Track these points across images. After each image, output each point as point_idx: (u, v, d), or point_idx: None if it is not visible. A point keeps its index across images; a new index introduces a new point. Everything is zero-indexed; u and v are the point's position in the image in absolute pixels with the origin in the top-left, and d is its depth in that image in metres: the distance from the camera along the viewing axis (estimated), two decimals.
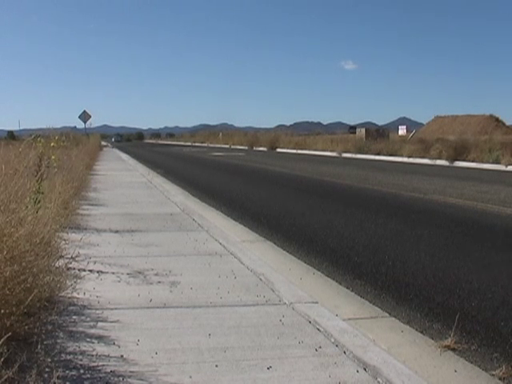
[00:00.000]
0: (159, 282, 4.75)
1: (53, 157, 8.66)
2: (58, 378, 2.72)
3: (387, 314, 4.40)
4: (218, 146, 59.30)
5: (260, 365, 3.11)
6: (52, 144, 9.39)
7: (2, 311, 3.10)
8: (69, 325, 3.66)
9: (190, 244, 6.43)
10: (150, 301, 4.24)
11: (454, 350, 3.66)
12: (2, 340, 2.77)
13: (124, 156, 33.58)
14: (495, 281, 5.29)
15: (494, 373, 3.31)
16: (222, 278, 4.91)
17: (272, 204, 11.21)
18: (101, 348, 3.28)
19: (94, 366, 3.02)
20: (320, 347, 3.37)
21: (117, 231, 7.17)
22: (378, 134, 40.86)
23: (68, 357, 3.14)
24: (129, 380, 2.88)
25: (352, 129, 55.27)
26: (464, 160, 24.45)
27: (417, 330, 4.10)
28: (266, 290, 4.60)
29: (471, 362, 3.51)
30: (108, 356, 3.16)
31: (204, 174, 20.24)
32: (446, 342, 3.71)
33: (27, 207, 4.61)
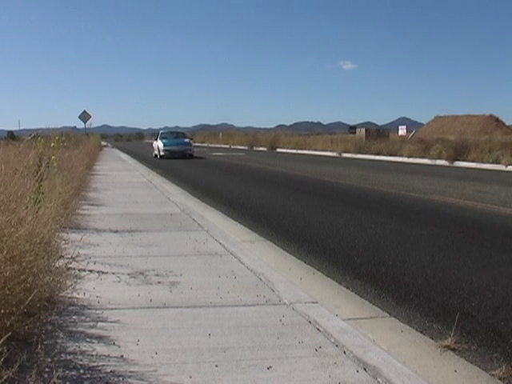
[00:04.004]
0: (159, 282, 4.75)
1: (53, 157, 8.66)
2: (57, 378, 2.71)
3: (387, 314, 4.39)
4: (218, 146, 59.30)
5: (260, 365, 3.11)
6: (52, 144, 9.39)
7: (2, 311, 3.10)
8: (69, 325, 3.66)
9: (190, 244, 6.43)
10: (150, 301, 4.24)
11: (454, 350, 3.66)
12: (2, 340, 2.77)
13: (124, 156, 33.58)
14: (495, 281, 5.29)
15: (494, 373, 3.31)
16: (222, 278, 4.91)
17: (272, 204, 11.21)
18: (101, 348, 3.28)
19: (93, 366, 3.02)
20: (320, 347, 3.37)
21: (117, 231, 7.17)
22: (378, 134, 40.83)
23: (68, 357, 3.14)
24: (129, 380, 2.88)
25: (352, 129, 55.23)
26: (464, 160, 24.44)
27: (417, 330, 4.09)
28: (266, 290, 4.60)
29: (471, 362, 3.51)
30: (108, 356, 3.16)
31: (204, 174, 20.23)
32: (446, 342, 3.71)
33: (27, 207, 4.60)
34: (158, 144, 31.12)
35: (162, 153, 30.42)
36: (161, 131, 33.43)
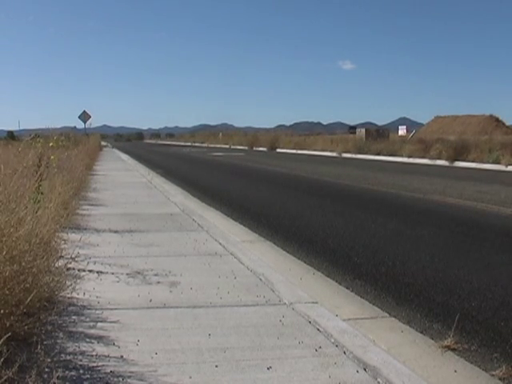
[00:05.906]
0: (159, 282, 4.75)
1: (52, 157, 8.66)
2: (57, 378, 2.71)
3: (387, 314, 4.39)
4: (218, 146, 59.26)
5: (260, 365, 3.11)
6: (51, 144, 9.38)
7: (2, 311, 3.10)
8: (68, 325, 3.65)
9: (189, 244, 6.43)
10: (150, 301, 4.24)
11: (454, 350, 3.66)
12: (2, 340, 2.76)
13: (124, 156, 33.57)
14: (495, 281, 5.29)
15: (494, 373, 3.31)
16: (222, 279, 4.91)
17: (272, 204, 11.20)
18: (100, 348, 3.28)
19: (93, 367, 3.02)
20: (320, 347, 3.37)
21: (116, 231, 7.16)
22: (378, 134, 40.83)
23: (68, 357, 3.13)
24: (128, 380, 2.88)
25: (352, 129, 55.26)
26: (464, 160, 24.44)
27: (417, 330, 4.09)
28: (266, 290, 4.59)
29: (471, 362, 3.51)
30: (108, 356, 3.16)
31: (204, 174, 20.23)
32: (446, 342, 3.70)
33: (27, 207, 4.60)
34: None
35: None
36: None
